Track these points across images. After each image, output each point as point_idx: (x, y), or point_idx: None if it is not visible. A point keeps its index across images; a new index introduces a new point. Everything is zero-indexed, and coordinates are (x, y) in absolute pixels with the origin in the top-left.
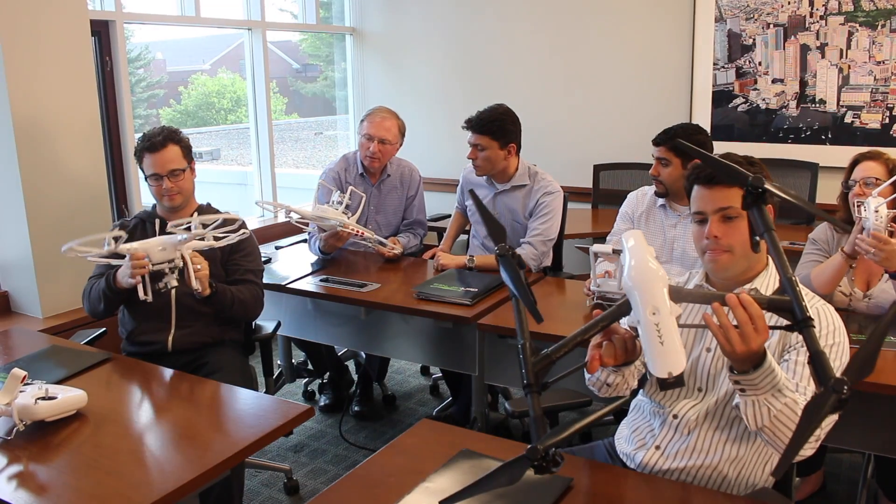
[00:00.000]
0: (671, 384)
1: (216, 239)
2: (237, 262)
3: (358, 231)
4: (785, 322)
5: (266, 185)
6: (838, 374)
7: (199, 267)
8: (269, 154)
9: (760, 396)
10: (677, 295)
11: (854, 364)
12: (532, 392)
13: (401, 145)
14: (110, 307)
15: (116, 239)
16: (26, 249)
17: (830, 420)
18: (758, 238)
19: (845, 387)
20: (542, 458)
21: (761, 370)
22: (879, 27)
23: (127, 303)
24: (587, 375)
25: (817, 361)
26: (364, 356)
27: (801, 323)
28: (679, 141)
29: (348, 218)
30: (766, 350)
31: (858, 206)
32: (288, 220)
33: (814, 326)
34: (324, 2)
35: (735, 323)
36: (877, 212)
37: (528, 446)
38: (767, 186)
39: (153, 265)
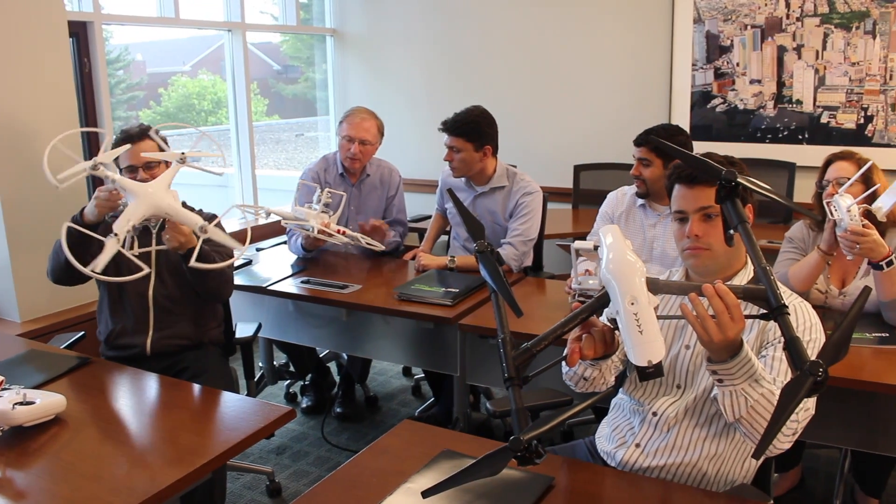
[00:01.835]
0: (651, 374)
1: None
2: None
3: (340, 230)
4: (761, 311)
5: (247, 186)
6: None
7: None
8: (249, 156)
9: (738, 386)
10: (654, 286)
11: (828, 347)
12: (513, 385)
13: (380, 144)
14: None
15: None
16: (4, 253)
17: (807, 415)
18: (731, 231)
19: (821, 369)
20: (524, 449)
21: (738, 359)
22: (854, 29)
23: (106, 300)
24: (564, 369)
25: (792, 347)
26: (346, 357)
27: (776, 310)
28: (654, 138)
29: (329, 217)
30: (743, 340)
31: (828, 205)
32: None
33: (788, 314)
34: (304, 3)
35: (712, 313)
36: (849, 211)
37: (512, 437)
38: (740, 180)
39: (133, 222)
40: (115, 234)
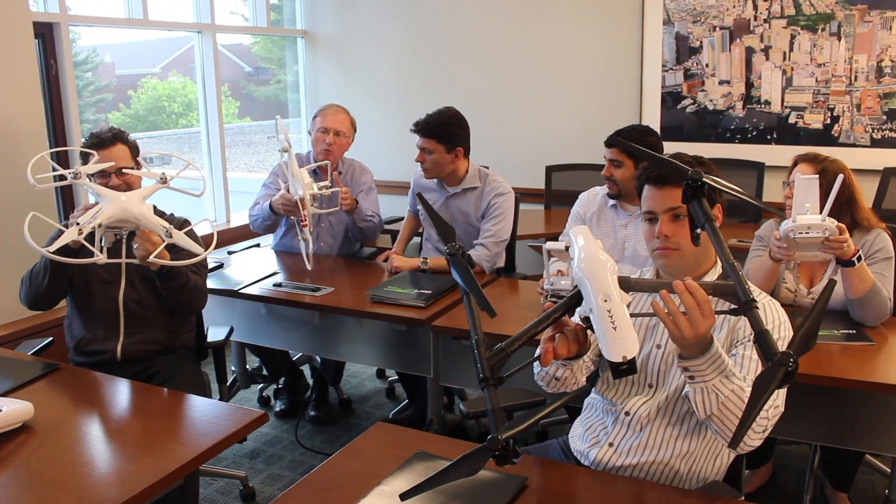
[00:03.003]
0: (625, 370)
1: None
2: (180, 255)
3: (305, 219)
4: (731, 306)
5: (218, 189)
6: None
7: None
8: (220, 158)
9: (708, 382)
10: (626, 284)
11: (797, 338)
12: (488, 385)
13: (353, 140)
14: (55, 273)
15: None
16: None
17: (777, 412)
18: (698, 231)
19: (791, 359)
20: (502, 448)
21: (708, 355)
22: (820, 31)
23: (75, 307)
24: (536, 369)
25: (762, 340)
26: (319, 360)
27: (745, 305)
28: (620, 140)
29: (315, 200)
30: (713, 336)
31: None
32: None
33: (757, 308)
34: (275, 4)
35: (683, 310)
36: (824, 221)
37: (489, 436)
38: (706, 179)
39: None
40: (78, 224)
